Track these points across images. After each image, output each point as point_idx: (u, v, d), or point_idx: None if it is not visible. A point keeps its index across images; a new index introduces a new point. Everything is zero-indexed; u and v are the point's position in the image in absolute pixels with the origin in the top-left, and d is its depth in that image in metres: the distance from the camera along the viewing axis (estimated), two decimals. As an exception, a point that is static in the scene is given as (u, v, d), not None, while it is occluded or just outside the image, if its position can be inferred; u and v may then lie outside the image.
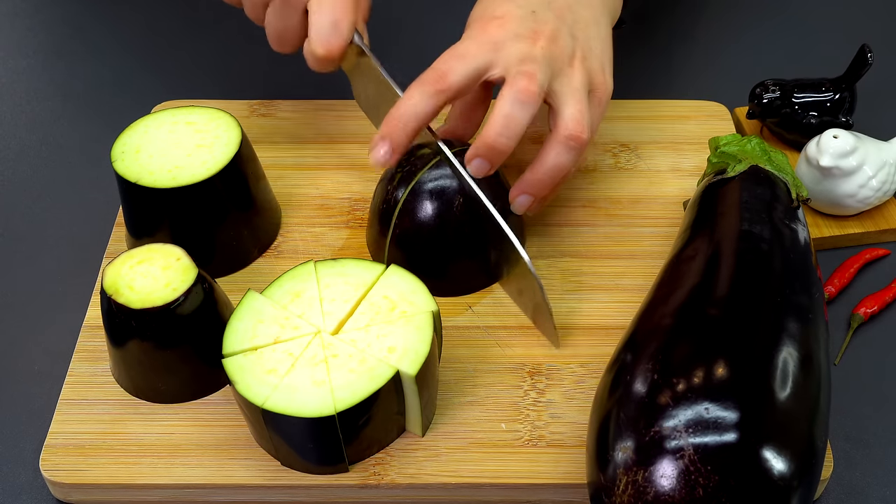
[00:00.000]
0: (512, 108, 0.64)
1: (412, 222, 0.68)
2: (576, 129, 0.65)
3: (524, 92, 0.64)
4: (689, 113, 0.84)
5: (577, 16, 0.69)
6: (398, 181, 0.68)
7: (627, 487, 0.51)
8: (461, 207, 0.67)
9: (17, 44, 0.96)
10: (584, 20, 0.69)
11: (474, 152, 0.65)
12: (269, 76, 0.90)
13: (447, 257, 0.69)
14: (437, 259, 0.68)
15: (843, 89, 0.79)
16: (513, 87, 0.64)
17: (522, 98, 0.64)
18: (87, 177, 0.82)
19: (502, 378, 0.66)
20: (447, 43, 0.67)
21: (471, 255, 0.69)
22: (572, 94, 0.66)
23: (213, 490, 0.61)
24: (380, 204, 0.69)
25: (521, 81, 0.64)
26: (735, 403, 0.51)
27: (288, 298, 0.62)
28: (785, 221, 0.63)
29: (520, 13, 0.67)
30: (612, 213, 0.76)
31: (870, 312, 0.71)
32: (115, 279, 0.62)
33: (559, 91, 0.66)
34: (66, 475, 0.61)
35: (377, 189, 0.71)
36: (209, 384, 0.65)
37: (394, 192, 0.68)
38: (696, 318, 0.56)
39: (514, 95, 0.64)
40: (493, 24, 0.66)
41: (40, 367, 0.69)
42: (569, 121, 0.65)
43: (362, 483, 0.61)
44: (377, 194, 0.71)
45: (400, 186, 0.68)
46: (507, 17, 0.67)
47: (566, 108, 0.66)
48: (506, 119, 0.64)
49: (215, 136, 0.70)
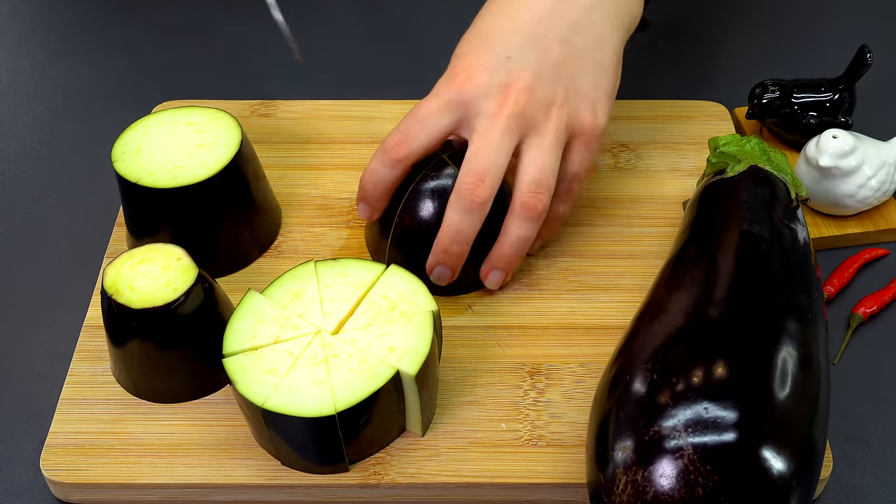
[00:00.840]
0: (460, 217, 0.63)
1: (413, 222, 0.68)
2: (529, 199, 0.64)
3: (468, 199, 0.63)
4: (688, 113, 0.84)
5: (572, 49, 0.65)
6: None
7: (627, 487, 0.51)
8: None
9: (18, 44, 0.96)
10: (581, 50, 0.65)
11: (434, 260, 0.66)
12: (269, 76, 0.90)
13: None
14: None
15: (842, 89, 0.79)
16: (458, 192, 0.63)
17: (468, 206, 0.63)
18: (87, 177, 0.82)
19: (502, 378, 0.66)
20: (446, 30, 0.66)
21: (471, 254, 0.69)
22: (537, 155, 0.64)
23: (214, 490, 0.61)
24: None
25: (466, 185, 0.62)
26: (734, 403, 0.51)
27: (288, 298, 0.62)
28: (784, 221, 0.63)
29: (492, 62, 0.64)
30: (612, 212, 0.76)
31: (869, 312, 0.71)
32: (116, 279, 0.62)
33: (525, 152, 0.64)
34: (67, 475, 0.61)
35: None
36: (209, 384, 0.65)
37: (395, 192, 0.68)
38: (695, 318, 0.56)
39: (461, 203, 0.63)
40: (461, 77, 0.64)
41: (41, 366, 0.69)
42: (524, 191, 0.64)
43: (362, 483, 0.61)
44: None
45: (401, 187, 0.68)
46: (477, 69, 0.64)
47: (524, 174, 0.64)
48: (455, 227, 0.64)
49: (216, 136, 0.70)
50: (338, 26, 0.96)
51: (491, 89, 0.63)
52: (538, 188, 0.64)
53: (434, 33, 0.96)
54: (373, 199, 0.68)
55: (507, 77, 0.63)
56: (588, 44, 0.66)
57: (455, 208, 0.64)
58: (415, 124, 0.65)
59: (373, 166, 0.67)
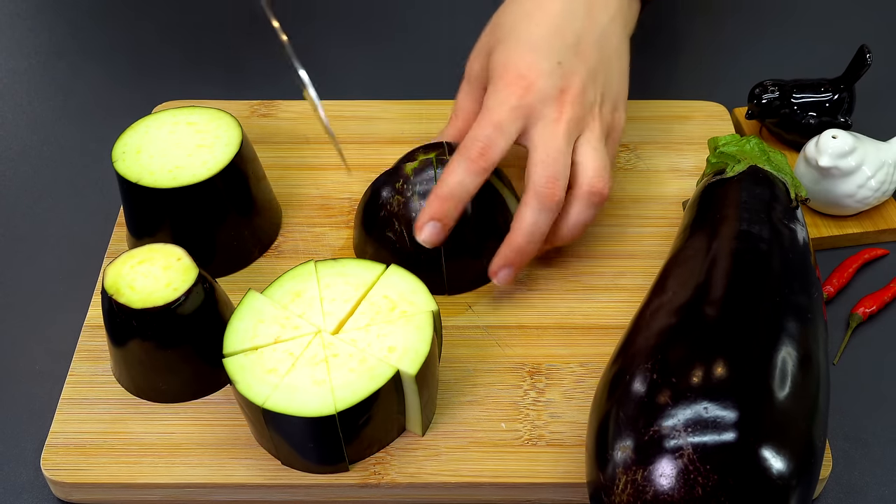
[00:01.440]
0: (538, 216, 0.65)
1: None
2: (598, 184, 0.67)
3: (548, 198, 0.65)
4: (688, 113, 0.84)
5: (602, 54, 0.69)
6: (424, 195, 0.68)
7: (627, 486, 0.51)
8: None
9: (19, 44, 0.96)
10: (608, 56, 0.70)
11: (502, 261, 0.66)
12: (269, 76, 0.91)
13: (447, 257, 0.69)
14: (437, 259, 0.69)
15: (841, 90, 0.79)
16: (538, 193, 0.65)
17: (547, 205, 0.65)
18: (88, 177, 0.82)
19: (502, 378, 0.66)
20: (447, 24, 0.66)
21: (471, 254, 0.69)
22: (593, 150, 0.68)
23: (214, 489, 0.61)
24: (377, 206, 0.69)
25: (544, 186, 0.65)
26: (734, 403, 0.51)
27: (288, 298, 0.62)
28: (784, 221, 0.63)
29: (547, 67, 0.67)
30: (612, 212, 0.76)
31: (868, 312, 0.71)
32: (116, 279, 0.62)
33: (580, 148, 0.68)
34: (67, 474, 0.61)
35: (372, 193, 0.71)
36: (210, 384, 0.65)
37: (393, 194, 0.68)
38: (695, 318, 0.56)
39: (540, 203, 0.65)
40: (521, 84, 0.66)
41: (41, 366, 0.69)
42: (593, 177, 0.67)
43: (362, 482, 0.61)
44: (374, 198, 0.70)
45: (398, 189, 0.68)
46: (535, 75, 0.66)
47: (588, 163, 0.67)
48: (532, 227, 0.66)
49: (216, 137, 0.70)
50: (338, 26, 0.96)
51: (550, 94, 0.66)
52: (604, 174, 0.67)
53: (434, 33, 0.96)
54: (452, 213, 0.66)
55: (562, 81, 0.67)
56: (611, 50, 0.70)
57: (532, 207, 0.65)
58: (494, 132, 0.66)
59: (458, 178, 0.65)
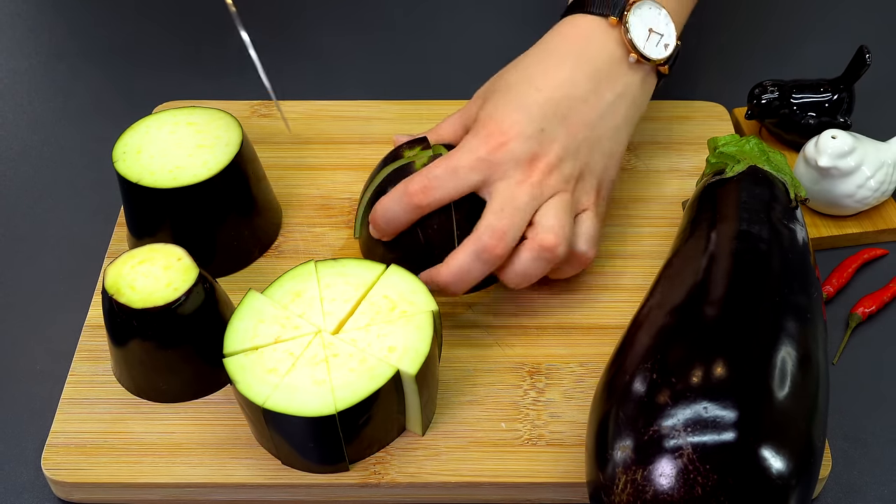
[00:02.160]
0: (471, 263, 0.64)
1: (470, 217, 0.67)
2: (548, 239, 0.64)
3: (487, 250, 0.63)
4: (688, 113, 0.84)
5: (593, 132, 0.68)
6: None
7: (626, 486, 0.51)
8: (462, 208, 0.67)
9: (19, 45, 0.96)
10: (599, 135, 0.68)
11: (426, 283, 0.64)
12: (270, 77, 0.90)
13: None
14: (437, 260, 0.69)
15: (841, 90, 0.79)
16: (479, 240, 0.63)
17: (484, 256, 0.63)
18: (88, 177, 0.82)
19: (502, 377, 0.66)
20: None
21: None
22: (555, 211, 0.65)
23: (214, 489, 0.61)
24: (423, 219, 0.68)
25: (489, 237, 0.63)
26: (734, 403, 0.51)
27: (289, 298, 0.62)
28: (783, 221, 0.63)
29: (528, 131, 0.65)
30: (612, 212, 0.76)
31: (868, 312, 0.71)
32: (117, 279, 0.62)
33: (542, 209, 0.65)
34: (68, 474, 0.61)
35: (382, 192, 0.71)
36: (210, 383, 0.65)
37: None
38: (694, 318, 0.56)
39: (478, 252, 0.63)
40: (497, 139, 0.65)
41: (42, 366, 0.69)
42: (544, 232, 0.65)
43: (363, 482, 0.61)
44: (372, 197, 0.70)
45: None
46: (513, 134, 0.65)
47: (544, 221, 0.65)
48: (461, 272, 0.64)
49: (216, 137, 0.70)
50: (338, 27, 0.96)
51: (522, 157, 0.65)
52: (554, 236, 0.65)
53: (434, 34, 0.96)
54: (382, 233, 0.67)
55: (539, 148, 0.65)
56: (606, 130, 0.69)
57: (469, 252, 0.64)
58: (445, 174, 0.65)
59: (389, 204, 0.66)
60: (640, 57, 0.69)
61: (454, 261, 0.64)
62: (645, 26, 0.69)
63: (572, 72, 0.68)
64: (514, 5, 0.98)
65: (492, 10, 0.98)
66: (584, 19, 0.70)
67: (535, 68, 0.69)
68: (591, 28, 0.69)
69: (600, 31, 0.69)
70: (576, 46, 0.69)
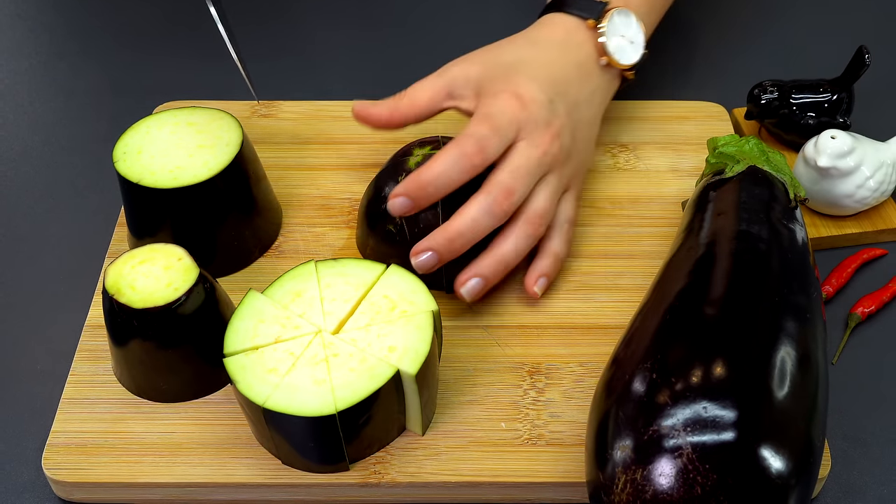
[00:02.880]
0: (482, 216, 0.65)
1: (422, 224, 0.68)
2: (535, 220, 0.68)
3: (498, 207, 0.65)
4: (687, 114, 0.84)
5: (580, 116, 0.72)
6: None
7: (626, 486, 0.51)
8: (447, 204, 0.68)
9: (20, 45, 0.96)
10: (584, 121, 0.73)
11: (428, 244, 0.65)
12: (270, 77, 0.91)
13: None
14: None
15: (840, 90, 0.79)
16: (489, 197, 0.65)
17: (495, 210, 0.65)
18: (89, 177, 0.82)
19: (502, 377, 0.66)
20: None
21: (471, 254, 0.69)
22: (546, 194, 0.68)
23: (215, 489, 0.61)
24: (413, 217, 0.68)
25: (499, 194, 0.65)
26: (733, 402, 0.51)
27: (289, 298, 0.63)
28: (783, 221, 0.63)
29: (543, 99, 0.69)
30: (611, 213, 0.76)
31: (867, 312, 0.71)
32: (117, 279, 0.62)
33: (536, 190, 0.68)
34: (69, 474, 0.61)
35: (374, 188, 0.71)
36: (210, 383, 0.65)
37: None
38: (694, 318, 0.56)
39: (489, 207, 0.65)
40: (519, 102, 0.68)
41: (42, 366, 0.69)
42: (532, 213, 0.68)
43: (363, 482, 0.61)
44: (376, 192, 0.71)
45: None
46: (529, 99, 0.68)
47: (535, 202, 0.68)
48: (473, 223, 0.65)
49: (217, 137, 0.70)
50: (338, 27, 0.97)
51: (541, 121, 0.68)
52: (539, 218, 0.68)
53: (433, 34, 0.96)
54: (426, 200, 0.65)
55: (551, 116, 0.69)
56: (588, 119, 0.74)
57: (480, 205, 0.65)
58: (492, 134, 0.66)
59: (443, 168, 0.65)
60: (610, 60, 0.74)
61: (466, 213, 0.65)
62: (618, 33, 0.74)
63: (560, 58, 0.73)
64: (511, 4, 0.98)
65: (492, 10, 0.98)
66: (563, 18, 0.75)
67: (526, 51, 0.73)
68: (570, 26, 0.74)
69: (578, 30, 0.74)
70: (559, 39, 0.74)
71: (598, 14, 0.73)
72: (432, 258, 0.65)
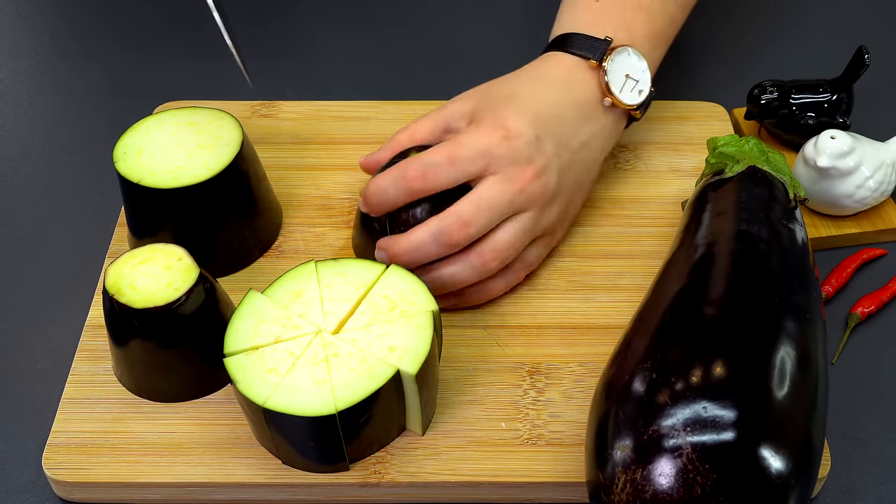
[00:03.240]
0: (430, 242, 0.65)
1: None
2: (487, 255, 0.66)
3: (448, 235, 0.64)
4: (687, 114, 0.84)
5: (573, 158, 0.70)
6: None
7: (626, 486, 0.51)
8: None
9: (20, 45, 0.96)
10: (577, 162, 0.70)
11: (384, 245, 0.66)
12: (270, 77, 0.91)
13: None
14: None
15: (840, 90, 0.79)
16: (443, 221, 0.64)
17: (443, 239, 0.65)
18: (89, 177, 0.82)
19: (502, 377, 0.66)
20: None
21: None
22: (514, 226, 0.67)
23: (215, 488, 0.61)
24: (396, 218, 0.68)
25: (454, 222, 0.64)
26: (733, 402, 0.51)
27: (289, 298, 0.63)
28: (783, 221, 0.63)
29: (529, 135, 0.67)
30: (611, 213, 0.76)
31: (867, 312, 0.71)
32: (118, 279, 0.62)
33: (503, 226, 0.67)
34: (69, 474, 0.61)
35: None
36: (211, 383, 0.65)
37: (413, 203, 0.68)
38: (694, 318, 0.56)
39: (438, 233, 0.64)
40: (499, 134, 0.66)
41: (43, 366, 0.69)
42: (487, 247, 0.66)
43: (363, 481, 0.61)
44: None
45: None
46: (515, 134, 0.66)
47: (495, 237, 0.66)
48: (419, 245, 0.65)
49: (217, 137, 0.70)
50: (338, 27, 0.97)
51: (520, 157, 0.66)
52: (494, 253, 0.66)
53: (433, 35, 0.96)
54: (372, 209, 0.67)
55: (534, 153, 0.67)
56: (583, 162, 0.71)
57: (431, 230, 0.65)
58: (444, 163, 0.65)
59: (384, 183, 0.66)
60: (614, 100, 0.71)
61: (414, 235, 0.65)
62: (622, 72, 0.71)
63: (560, 97, 0.70)
64: (514, 6, 0.98)
65: (492, 11, 0.98)
66: (565, 57, 0.72)
67: (525, 86, 0.71)
68: (573, 66, 0.72)
69: (581, 70, 0.71)
70: (561, 77, 0.71)
71: (601, 53, 0.71)
72: (385, 260, 0.66)
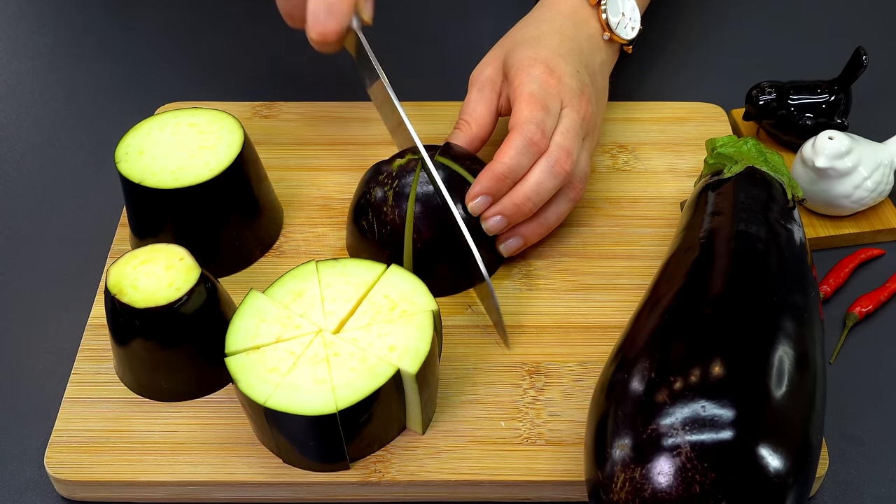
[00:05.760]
0: (546, 178, 0.69)
1: (430, 231, 0.68)
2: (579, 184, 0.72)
3: (560, 167, 0.69)
4: (686, 114, 0.84)
5: (597, 84, 0.76)
6: (399, 195, 0.69)
7: (625, 484, 0.51)
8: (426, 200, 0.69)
9: (22, 46, 0.96)
10: (600, 88, 0.77)
11: (499, 209, 0.69)
12: (271, 78, 0.91)
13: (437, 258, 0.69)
14: (399, 256, 0.69)
15: (838, 91, 0.80)
16: (551, 159, 0.69)
17: (557, 171, 0.69)
18: (91, 177, 0.83)
19: (501, 377, 0.66)
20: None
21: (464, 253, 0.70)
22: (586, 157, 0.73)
23: (216, 487, 0.62)
24: (383, 218, 0.69)
25: (560, 156, 0.69)
26: (731, 401, 0.51)
27: (290, 298, 0.63)
28: (781, 222, 0.64)
29: (570, 69, 0.73)
30: (610, 213, 0.77)
31: (865, 311, 0.72)
32: (119, 279, 0.62)
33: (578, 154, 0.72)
34: (71, 472, 0.62)
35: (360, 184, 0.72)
36: (212, 383, 0.66)
37: (399, 205, 0.69)
38: (692, 317, 0.57)
39: (551, 168, 0.69)
40: (553, 75, 0.71)
41: (45, 365, 0.70)
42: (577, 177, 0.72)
43: (363, 480, 0.61)
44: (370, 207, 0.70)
45: (404, 200, 0.69)
46: (561, 70, 0.72)
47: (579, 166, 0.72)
48: (538, 186, 0.69)
49: (218, 138, 0.70)
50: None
51: (575, 90, 0.72)
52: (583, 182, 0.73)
53: (435, 36, 0.96)
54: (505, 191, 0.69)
55: (583, 85, 0.73)
56: (601, 89, 0.77)
57: (543, 169, 0.69)
58: (546, 115, 0.70)
59: (516, 158, 0.68)
60: (613, 35, 0.78)
61: (531, 178, 0.69)
62: (618, 10, 0.78)
63: (573, 32, 0.76)
64: (516, 8, 0.98)
65: (494, 12, 0.99)
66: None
67: (540, 28, 0.76)
68: (577, 4, 0.78)
69: (582, 7, 0.78)
70: (566, 14, 0.77)
71: None
72: (501, 222, 0.69)
